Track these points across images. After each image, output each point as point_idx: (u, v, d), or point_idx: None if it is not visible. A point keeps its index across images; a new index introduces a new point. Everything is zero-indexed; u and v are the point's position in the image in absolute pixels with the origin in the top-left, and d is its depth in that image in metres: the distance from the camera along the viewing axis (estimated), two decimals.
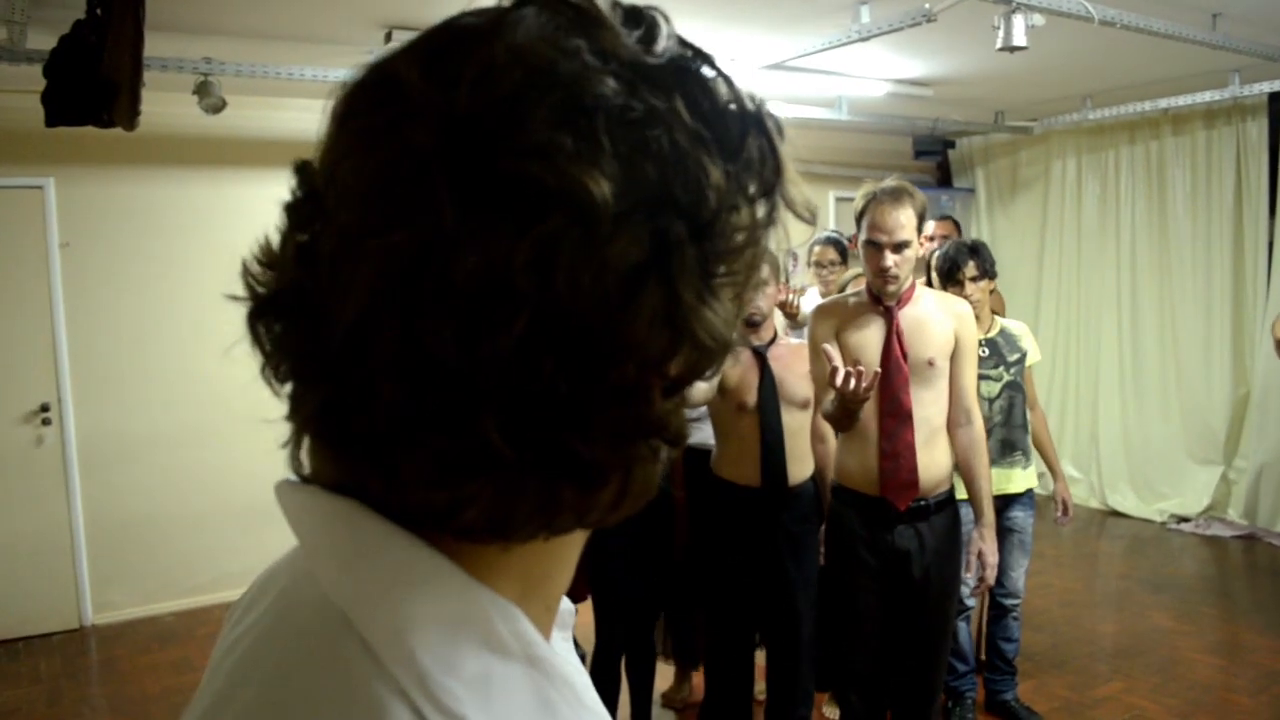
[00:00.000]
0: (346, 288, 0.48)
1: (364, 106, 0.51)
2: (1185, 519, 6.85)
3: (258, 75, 4.79)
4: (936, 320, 3.06)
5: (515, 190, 0.46)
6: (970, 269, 3.87)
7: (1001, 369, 3.94)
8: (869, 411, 2.96)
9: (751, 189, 0.53)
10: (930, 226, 4.87)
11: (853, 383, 2.70)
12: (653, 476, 0.55)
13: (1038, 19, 4.17)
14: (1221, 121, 6.74)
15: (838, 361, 2.73)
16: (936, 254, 4.12)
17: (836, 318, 3.10)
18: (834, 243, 4.67)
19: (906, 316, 3.04)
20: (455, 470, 0.49)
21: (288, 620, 0.57)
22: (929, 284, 3.96)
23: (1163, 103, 6.44)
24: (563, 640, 0.70)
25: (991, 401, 3.91)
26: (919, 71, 5.87)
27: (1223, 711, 4.08)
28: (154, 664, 4.89)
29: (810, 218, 0.58)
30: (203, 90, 4.74)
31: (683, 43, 0.53)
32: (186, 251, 5.52)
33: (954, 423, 3.11)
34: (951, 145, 8.42)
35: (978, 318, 3.66)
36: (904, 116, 6.98)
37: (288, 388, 0.54)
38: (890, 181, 3.02)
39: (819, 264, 4.69)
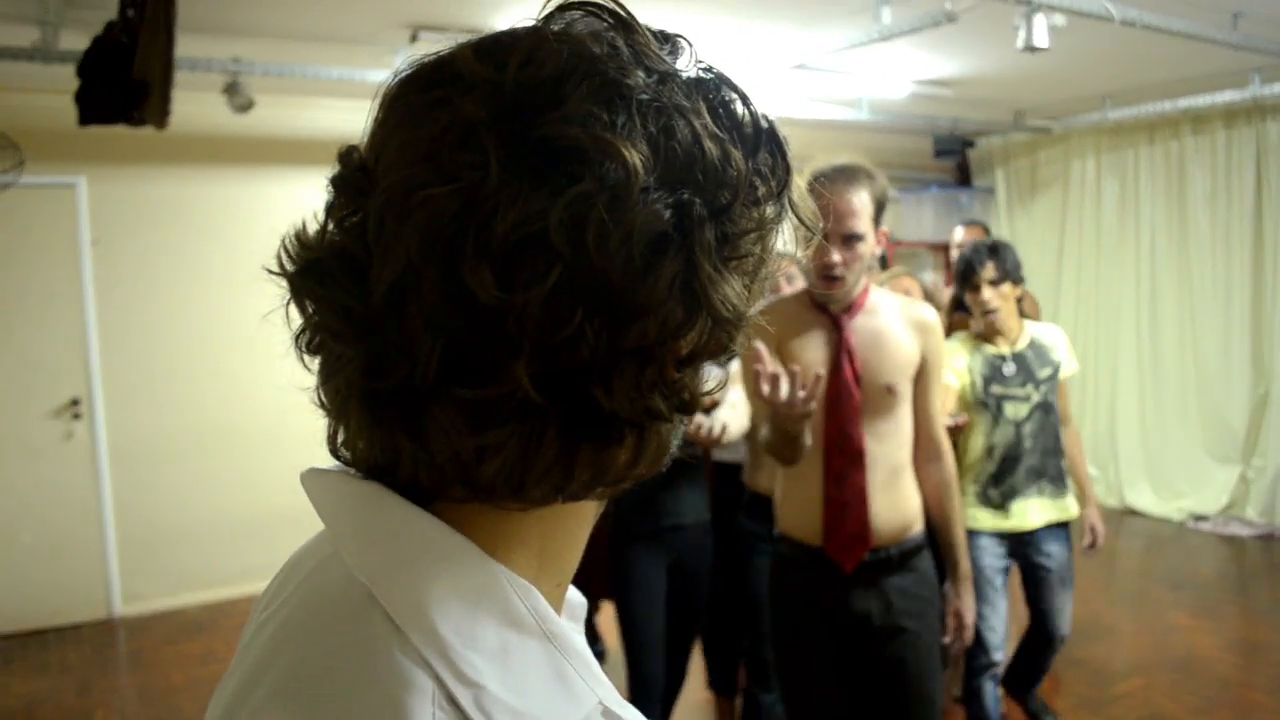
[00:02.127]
0: (393, 241, 0.52)
1: (419, 87, 0.56)
2: (1204, 517, 6.84)
3: (286, 75, 4.85)
4: (897, 334, 2.48)
5: (555, 153, 0.51)
6: (989, 271, 3.39)
7: (1030, 387, 3.41)
8: (813, 447, 2.39)
9: (762, 191, 0.58)
10: (959, 233, 4.82)
11: (785, 389, 2.07)
12: (666, 443, 0.60)
13: (1058, 19, 4.18)
14: (1242, 121, 6.72)
15: (767, 361, 2.07)
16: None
17: (775, 324, 2.47)
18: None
19: (860, 329, 2.45)
20: (484, 418, 0.53)
21: (316, 598, 0.60)
22: (958, 296, 3.65)
23: (1183, 103, 6.42)
24: (574, 631, 0.71)
25: (1020, 425, 3.40)
26: (939, 72, 5.89)
27: (1242, 709, 4.08)
28: (181, 655, 4.95)
29: (815, 228, 0.63)
30: (232, 90, 4.81)
31: (706, 65, 0.59)
32: (215, 249, 5.60)
33: (921, 458, 2.58)
34: (971, 145, 8.42)
35: (1001, 329, 3.41)
36: (924, 116, 6.99)
37: (317, 360, 0.59)
38: (844, 158, 2.42)
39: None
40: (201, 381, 5.61)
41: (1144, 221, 7.31)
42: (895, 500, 2.47)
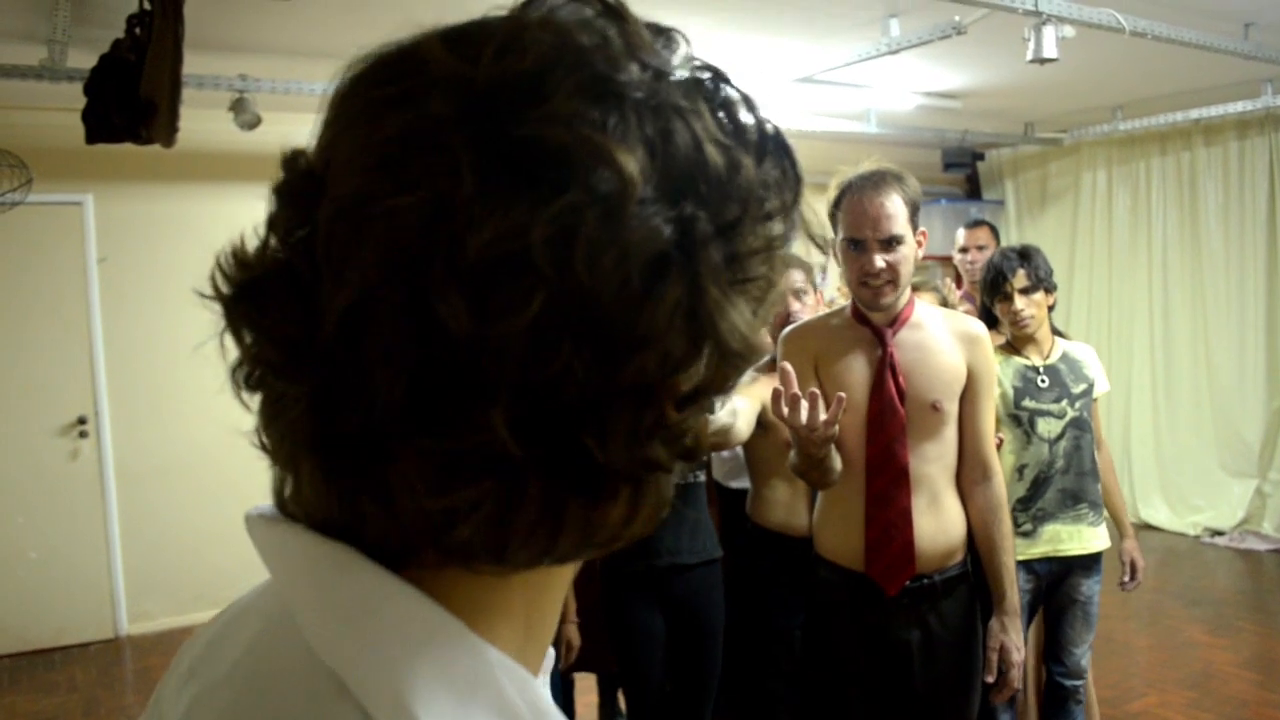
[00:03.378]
0: (347, 260, 0.44)
1: (376, 81, 0.48)
2: (1219, 532, 6.78)
3: (292, 92, 4.86)
4: (943, 348, 2.38)
5: (539, 158, 0.43)
6: (1020, 278, 3.17)
7: (1065, 403, 3.17)
8: (854, 467, 2.35)
9: (772, 205, 0.50)
10: (961, 235, 4.79)
11: (804, 413, 1.99)
12: (665, 496, 0.51)
13: (1068, 30, 4.16)
14: (1254, 132, 6.68)
15: (792, 382, 2.00)
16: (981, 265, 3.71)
17: (813, 343, 2.42)
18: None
19: (904, 343, 2.37)
20: (454, 473, 0.45)
21: (269, 681, 0.51)
22: (983, 305, 3.43)
23: (1194, 113, 6.39)
24: (541, 686, 0.65)
25: (1053, 443, 3.14)
26: (948, 84, 5.87)
27: None
28: None
29: (825, 245, 0.57)
30: (238, 107, 4.81)
31: (703, 63, 0.52)
32: None
33: (968, 480, 2.44)
34: (981, 157, 8.39)
35: (1034, 339, 3.21)
36: (933, 129, 6.97)
37: (257, 398, 0.50)
38: (869, 164, 2.35)
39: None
40: (208, 399, 5.55)
41: (1156, 233, 7.27)
42: (940, 524, 2.37)
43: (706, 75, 0.50)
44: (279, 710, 0.48)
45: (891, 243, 2.27)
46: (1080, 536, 3.18)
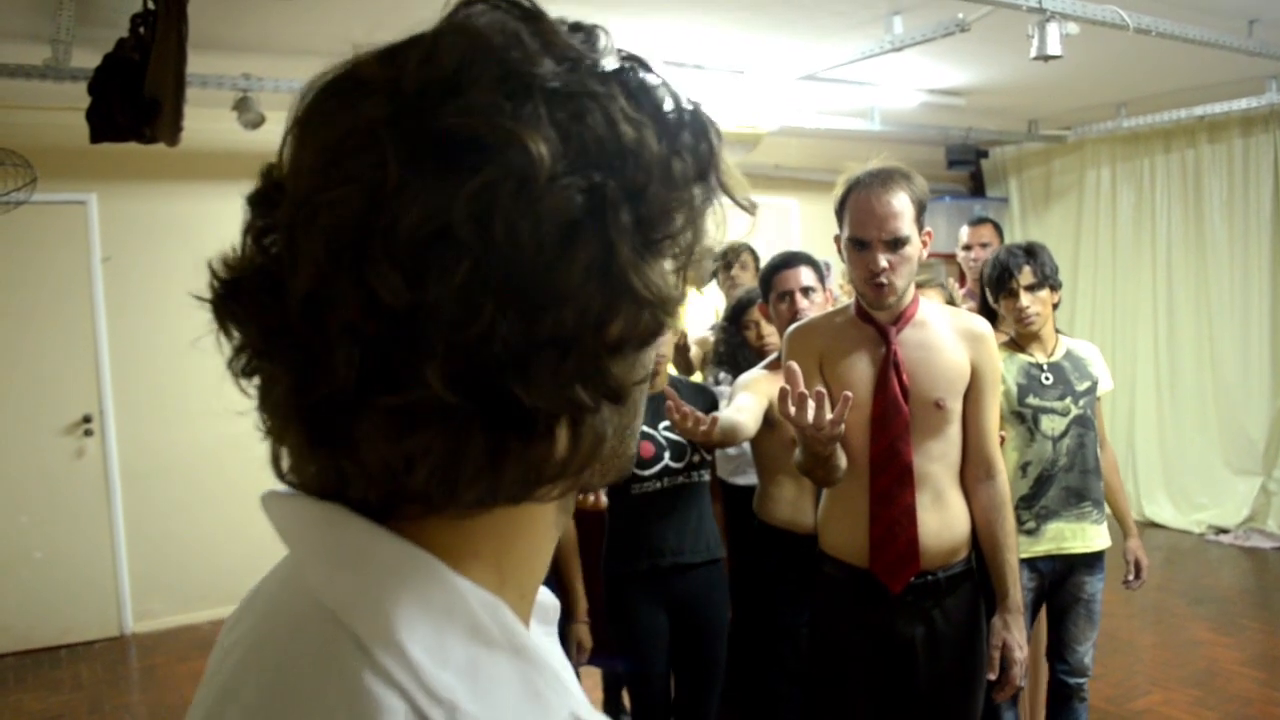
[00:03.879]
0: (303, 250, 0.51)
1: (325, 95, 0.55)
2: (1224, 530, 6.77)
3: (296, 91, 4.80)
4: (947, 346, 2.39)
5: (455, 146, 0.50)
6: (1026, 275, 3.16)
7: (1069, 400, 3.15)
8: (858, 464, 2.36)
9: (681, 169, 0.55)
10: (964, 233, 4.78)
11: (810, 412, 1.99)
12: (603, 435, 0.57)
13: (1072, 27, 4.15)
14: (1259, 129, 6.67)
15: (798, 380, 1.98)
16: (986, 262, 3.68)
17: (818, 341, 2.44)
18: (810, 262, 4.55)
19: (908, 341, 2.37)
20: (406, 424, 0.51)
21: (279, 623, 0.59)
22: (983, 301, 3.48)
23: (1198, 110, 6.38)
24: (545, 635, 0.72)
25: (1056, 441, 3.13)
26: (952, 81, 5.86)
27: None
28: (193, 671, 4.93)
29: (749, 207, 0.61)
30: (242, 106, 4.81)
31: (626, 53, 0.58)
32: None
33: (972, 478, 2.44)
34: (984, 155, 8.38)
35: (1039, 336, 3.20)
36: (937, 126, 6.96)
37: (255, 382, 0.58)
38: (877, 162, 2.35)
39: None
40: (213, 397, 5.53)
41: (1160, 230, 7.26)
42: (944, 521, 2.38)
43: (627, 65, 0.57)
44: (288, 644, 0.57)
45: (896, 243, 2.27)
46: (1084, 534, 3.17)
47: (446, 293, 0.49)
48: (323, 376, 0.52)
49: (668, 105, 0.56)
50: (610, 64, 0.56)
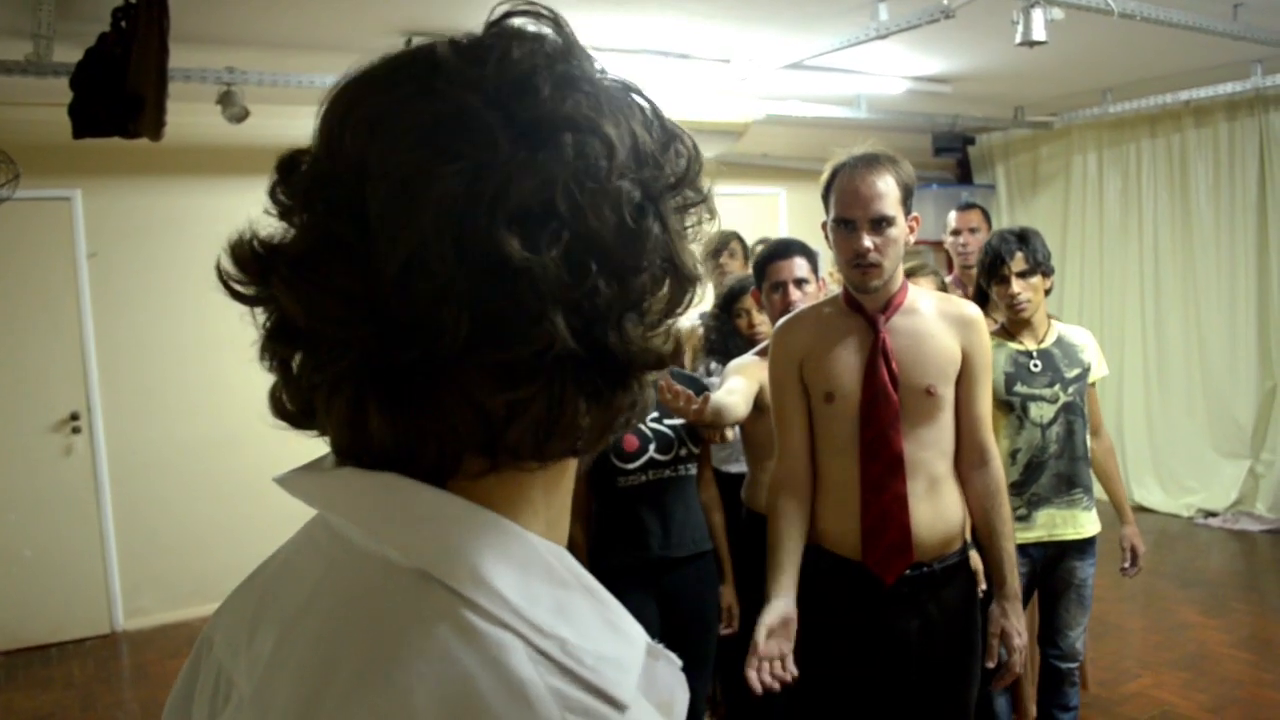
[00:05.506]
0: (403, 222, 0.55)
1: (399, 79, 0.60)
2: (1213, 513, 6.80)
3: (280, 84, 4.82)
4: (937, 333, 2.36)
5: (553, 128, 0.57)
6: (1018, 261, 3.16)
7: (1058, 388, 3.16)
8: (849, 454, 2.35)
9: (683, 173, 0.64)
10: (952, 218, 4.78)
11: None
12: (650, 398, 0.65)
13: (1057, 13, 4.15)
14: (1244, 113, 6.68)
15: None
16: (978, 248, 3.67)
17: (804, 335, 2.43)
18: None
19: (897, 328, 2.35)
20: (515, 376, 0.56)
21: (357, 592, 0.60)
22: (978, 288, 3.48)
23: (1184, 95, 6.38)
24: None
25: (1045, 428, 3.14)
26: (937, 68, 5.86)
27: (1253, 707, 4.05)
28: None
29: (715, 211, 0.69)
30: (226, 100, 4.78)
31: (620, 77, 0.65)
32: (212, 260, 5.45)
33: (966, 465, 2.42)
34: (971, 142, 8.39)
35: (1030, 323, 3.19)
36: (923, 114, 6.96)
37: (295, 359, 0.62)
38: (862, 147, 2.35)
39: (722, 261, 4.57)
40: (201, 393, 5.58)
41: (1147, 215, 7.27)
42: (938, 510, 2.35)
43: (627, 83, 0.65)
44: (378, 608, 0.58)
45: (881, 223, 2.26)
46: (1075, 520, 3.18)
47: (558, 254, 0.55)
48: (418, 339, 0.55)
49: (662, 119, 0.65)
50: (618, 81, 0.64)
